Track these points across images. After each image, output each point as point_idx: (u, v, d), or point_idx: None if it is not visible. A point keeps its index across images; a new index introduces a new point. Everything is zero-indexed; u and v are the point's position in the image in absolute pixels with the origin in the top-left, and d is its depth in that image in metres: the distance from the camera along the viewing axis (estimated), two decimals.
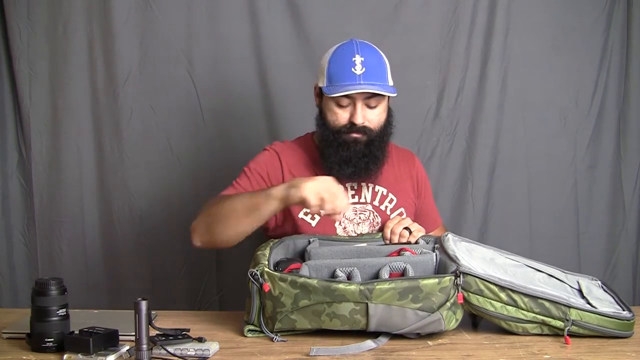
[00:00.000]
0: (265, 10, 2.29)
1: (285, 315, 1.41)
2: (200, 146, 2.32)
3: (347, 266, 1.47)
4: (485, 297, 1.44)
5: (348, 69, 1.67)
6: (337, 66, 1.70)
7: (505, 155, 2.36)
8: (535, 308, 1.44)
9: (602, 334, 1.44)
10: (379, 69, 1.71)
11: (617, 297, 1.56)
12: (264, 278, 1.41)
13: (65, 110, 2.30)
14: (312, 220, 1.74)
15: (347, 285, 1.37)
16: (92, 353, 1.27)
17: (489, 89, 2.33)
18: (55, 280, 1.34)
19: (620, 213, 2.38)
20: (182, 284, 2.35)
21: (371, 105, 1.70)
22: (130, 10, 2.27)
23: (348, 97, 1.68)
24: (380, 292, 1.36)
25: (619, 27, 2.34)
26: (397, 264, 1.46)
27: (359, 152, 1.71)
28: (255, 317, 1.44)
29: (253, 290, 1.43)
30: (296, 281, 1.39)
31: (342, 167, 1.71)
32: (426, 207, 1.92)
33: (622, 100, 2.36)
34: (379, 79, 1.69)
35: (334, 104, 1.70)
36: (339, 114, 1.70)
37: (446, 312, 1.40)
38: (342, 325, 1.39)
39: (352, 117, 1.69)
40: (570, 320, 1.43)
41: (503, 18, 2.31)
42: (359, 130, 1.70)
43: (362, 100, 1.68)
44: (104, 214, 2.33)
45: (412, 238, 1.64)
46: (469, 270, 1.43)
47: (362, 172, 1.73)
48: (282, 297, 1.40)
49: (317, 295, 1.38)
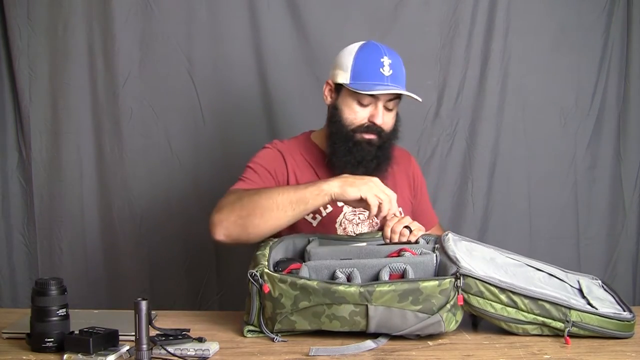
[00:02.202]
0: (265, 10, 2.29)
1: (285, 317, 1.41)
2: (200, 146, 2.33)
3: (347, 267, 1.47)
4: (486, 299, 1.43)
5: (377, 68, 1.68)
6: (365, 64, 1.70)
7: (505, 155, 2.36)
8: (535, 310, 1.44)
9: (602, 334, 1.44)
10: (402, 73, 1.74)
11: (617, 297, 1.56)
12: (263, 279, 1.41)
13: (65, 110, 2.31)
14: (313, 220, 1.75)
15: (347, 287, 1.37)
16: (92, 353, 1.27)
17: (489, 89, 2.34)
18: (55, 280, 1.34)
19: (620, 213, 2.39)
20: (182, 284, 2.35)
21: (389, 107, 1.72)
22: (130, 10, 2.28)
23: (372, 97, 1.69)
24: (380, 294, 1.36)
25: (619, 27, 2.34)
26: (397, 265, 1.46)
27: (371, 154, 1.71)
28: (255, 317, 1.44)
29: (253, 291, 1.42)
30: (296, 283, 1.39)
31: (354, 167, 1.70)
32: (422, 206, 1.93)
33: (622, 100, 2.37)
34: (403, 82, 1.73)
35: (355, 101, 1.70)
36: (359, 112, 1.71)
37: (446, 314, 1.39)
38: (342, 326, 1.39)
39: (373, 117, 1.70)
40: (571, 321, 1.43)
41: (503, 18, 2.32)
42: (374, 131, 1.70)
43: (384, 102, 1.70)
44: (104, 214, 2.33)
45: (413, 237, 1.64)
46: (469, 272, 1.43)
47: (372, 174, 1.72)
48: (282, 298, 1.39)
49: (317, 297, 1.38)
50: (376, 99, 1.69)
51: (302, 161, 1.79)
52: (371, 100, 1.69)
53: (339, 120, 1.72)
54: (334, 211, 1.76)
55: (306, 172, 1.77)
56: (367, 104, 1.70)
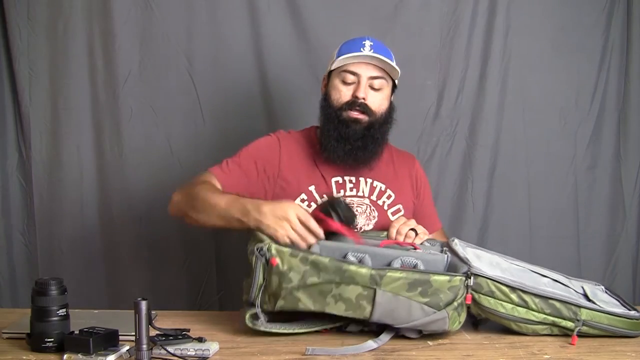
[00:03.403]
0: (265, 10, 2.29)
1: (290, 292, 1.38)
2: (200, 146, 2.32)
3: (360, 252, 1.46)
4: (497, 299, 1.44)
5: (358, 48, 1.74)
6: (347, 47, 1.77)
7: (505, 155, 2.36)
8: (546, 309, 1.44)
9: (613, 333, 1.45)
10: (387, 53, 1.78)
11: (622, 300, 1.57)
12: (271, 253, 1.40)
13: (65, 110, 2.30)
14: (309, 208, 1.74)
15: (359, 268, 1.36)
16: (92, 353, 1.27)
17: (489, 89, 2.34)
18: (55, 280, 1.34)
19: (620, 213, 2.39)
20: (182, 284, 2.35)
21: (375, 86, 1.75)
22: (130, 10, 2.27)
23: (354, 74, 1.73)
24: (390, 279, 1.36)
25: (619, 27, 2.35)
26: (408, 259, 1.46)
27: (358, 132, 1.74)
28: (255, 293, 1.41)
29: (257, 266, 1.40)
30: (307, 257, 1.38)
31: (339, 143, 1.74)
32: (426, 209, 1.92)
33: (622, 100, 2.37)
34: (386, 57, 1.75)
35: (339, 81, 1.76)
36: (343, 90, 1.75)
37: (452, 311, 1.40)
38: (346, 310, 1.38)
39: (356, 91, 1.73)
40: (581, 320, 1.43)
41: (503, 18, 2.32)
42: (360, 107, 1.73)
43: (367, 79, 1.73)
44: (104, 214, 2.33)
45: (418, 239, 1.64)
46: (480, 271, 1.43)
47: (359, 152, 1.75)
48: (290, 272, 1.38)
49: (327, 274, 1.37)
50: (359, 76, 1.73)
51: (301, 151, 1.81)
52: (354, 78, 1.74)
53: (327, 104, 1.78)
54: None
55: (301, 162, 1.79)
56: (350, 82, 1.75)
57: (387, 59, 1.74)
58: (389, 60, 1.74)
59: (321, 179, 1.78)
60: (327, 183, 1.78)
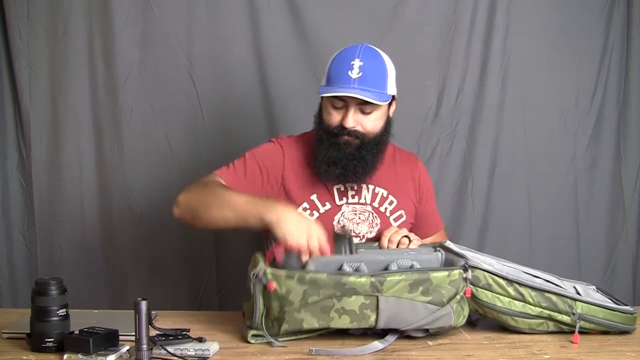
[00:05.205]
0: (265, 10, 2.29)
1: (292, 314, 1.38)
2: (200, 146, 2.32)
3: (355, 261, 1.45)
4: (494, 292, 1.45)
5: (345, 72, 1.66)
6: (335, 67, 1.70)
7: (505, 155, 2.36)
8: (542, 302, 1.45)
9: (608, 327, 1.46)
10: (377, 75, 1.69)
11: (614, 298, 1.58)
12: (267, 277, 1.39)
13: (65, 110, 2.30)
14: (311, 217, 1.74)
15: (358, 277, 1.36)
16: (92, 353, 1.27)
17: (489, 89, 2.33)
18: (55, 280, 1.35)
19: (620, 213, 2.39)
20: (182, 284, 2.35)
21: (365, 111, 1.69)
22: (130, 10, 2.27)
23: (342, 100, 1.68)
24: (391, 283, 1.36)
25: (619, 27, 2.34)
26: (404, 262, 1.46)
27: (349, 155, 1.70)
28: (258, 320, 1.41)
29: (256, 291, 1.40)
30: (304, 277, 1.37)
31: (330, 166, 1.71)
32: (428, 211, 1.91)
33: (622, 100, 2.36)
34: (375, 85, 1.67)
35: (329, 104, 1.71)
36: (333, 114, 1.71)
37: (456, 305, 1.40)
38: (351, 322, 1.38)
39: (343, 121, 1.68)
40: (577, 314, 1.44)
41: (503, 18, 2.31)
42: (350, 133, 1.69)
43: (355, 105, 1.67)
44: (104, 214, 2.33)
45: (413, 245, 1.63)
46: (477, 263, 1.44)
47: (350, 175, 1.72)
48: (290, 294, 1.37)
49: (327, 290, 1.36)
50: (347, 102, 1.67)
51: (302, 156, 1.79)
52: (343, 103, 1.68)
53: (319, 121, 1.75)
54: (332, 209, 1.75)
55: (302, 167, 1.78)
56: (339, 107, 1.69)
57: (374, 89, 1.65)
58: (376, 90, 1.65)
59: (323, 187, 1.76)
60: (329, 191, 1.77)
